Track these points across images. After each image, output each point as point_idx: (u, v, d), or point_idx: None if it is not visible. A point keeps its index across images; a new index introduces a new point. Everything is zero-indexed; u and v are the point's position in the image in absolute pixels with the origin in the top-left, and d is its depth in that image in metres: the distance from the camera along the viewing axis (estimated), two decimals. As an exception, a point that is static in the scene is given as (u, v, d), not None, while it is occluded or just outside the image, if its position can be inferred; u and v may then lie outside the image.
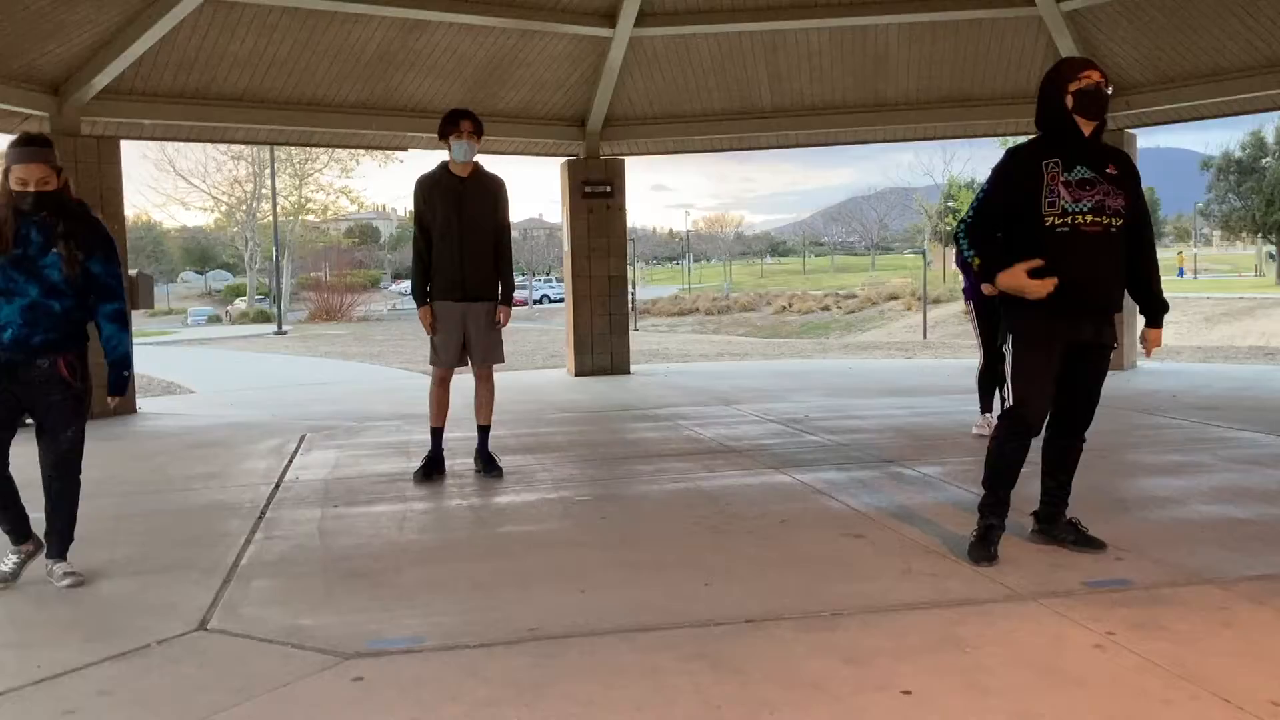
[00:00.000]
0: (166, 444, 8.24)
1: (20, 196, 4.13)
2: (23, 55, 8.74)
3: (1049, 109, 4.23)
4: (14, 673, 3.30)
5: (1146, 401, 8.98)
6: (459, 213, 6.11)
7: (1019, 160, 4.20)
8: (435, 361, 6.30)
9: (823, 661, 3.25)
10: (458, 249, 6.12)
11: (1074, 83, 4.14)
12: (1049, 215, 4.08)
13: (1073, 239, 4.07)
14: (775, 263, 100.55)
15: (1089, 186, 4.10)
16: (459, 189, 6.14)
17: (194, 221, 67.47)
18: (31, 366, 4.19)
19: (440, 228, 6.13)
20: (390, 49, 10.47)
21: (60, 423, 4.27)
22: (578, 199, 12.30)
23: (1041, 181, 4.10)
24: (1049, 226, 4.08)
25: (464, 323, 6.19)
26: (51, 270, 4.19)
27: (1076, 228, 4.07)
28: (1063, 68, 4.26)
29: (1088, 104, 4.14)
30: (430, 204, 6.16)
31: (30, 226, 4.16)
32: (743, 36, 11.20)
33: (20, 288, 4.13)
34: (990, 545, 4.22)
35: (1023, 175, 4.14)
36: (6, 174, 4.14)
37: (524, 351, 21.80)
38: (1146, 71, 10.95)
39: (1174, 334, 27.44)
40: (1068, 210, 4.07)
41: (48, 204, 4.18)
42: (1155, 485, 5.80)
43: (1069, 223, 4.07)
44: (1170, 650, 3.25)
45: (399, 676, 3.23)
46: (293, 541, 4.95)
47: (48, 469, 4.28)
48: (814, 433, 7.72)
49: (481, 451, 6.43)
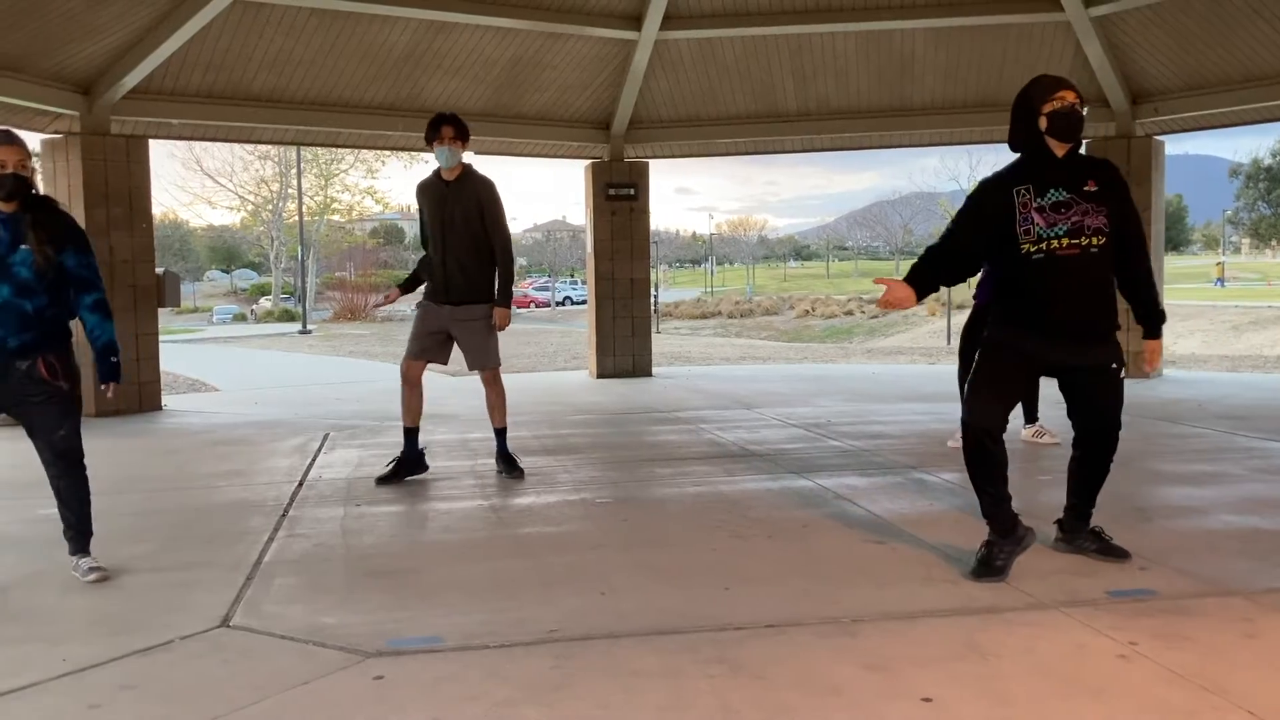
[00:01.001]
0: (191, 441, 8.31)
1: None
2: (54, 55, 8.84)
3: (1021, 131, 4.16)
4: (40, 666, 3.34)
5: (1172, 410, 8.90)
6: (442, 217, 6.19)
7: (988, 193, 4.15)
8: (404, 357, 6.35)
9: (843, 667, 3.24)
10: (441, 253, 6.20)
11: (1047, 104, 4.05)
12: (1025, 243, 4.03)
13: (1049, 265, 4.02)
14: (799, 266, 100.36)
15: (1064, 209, 4.02)
16: (444, 193, 6.20)
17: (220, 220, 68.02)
18: (10, 369, 4.14)
19: (429, 231, 6.25)
20: (416, 50, 10.52)
21: (49, 424, 4.22)
22: (601, 201, 12.31)
23: (1014, 211, 4.04)
24: (1025, 254, 4.03)
25: (448, 326, 6.23)
26: (20, 267, 4.11)
27: (1052, 253, 4.01)
28: (1034, 89, 4.13)
29: (1061, 126, 4.05)
30: (422, 208, 6.32)
31: None
32: (768, 39, 11.18)
33: None
34: (993, 560, 4.11)
35: (992, 208, 4.10)
36: None
37: (546, 353, 21.86)
38: (1175, 77, 10.86)
39: (1200, 342, 27.22)
40: (1042, 236, 4.01)
41: (24, 189, 4.11)
42: (1180, 495, 5.75)
43: (1044, 249, 4.01)
44: (1194, 661, 3.22)
45: (419, 676, 3.24)
46: (315, 540, 4.98)
47: (50, 470, 4.28)
48: (836, 438, 7.70)
49: (501, 453, 6.44)
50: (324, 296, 52.57)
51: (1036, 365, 4.19)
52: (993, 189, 4.15)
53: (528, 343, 25.50)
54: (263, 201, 51.53)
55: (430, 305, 6.26)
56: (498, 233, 6.23)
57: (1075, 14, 10.37)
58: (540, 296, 63.10)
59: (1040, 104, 4.07)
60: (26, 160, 4.14)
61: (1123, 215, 4.12)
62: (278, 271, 54.57)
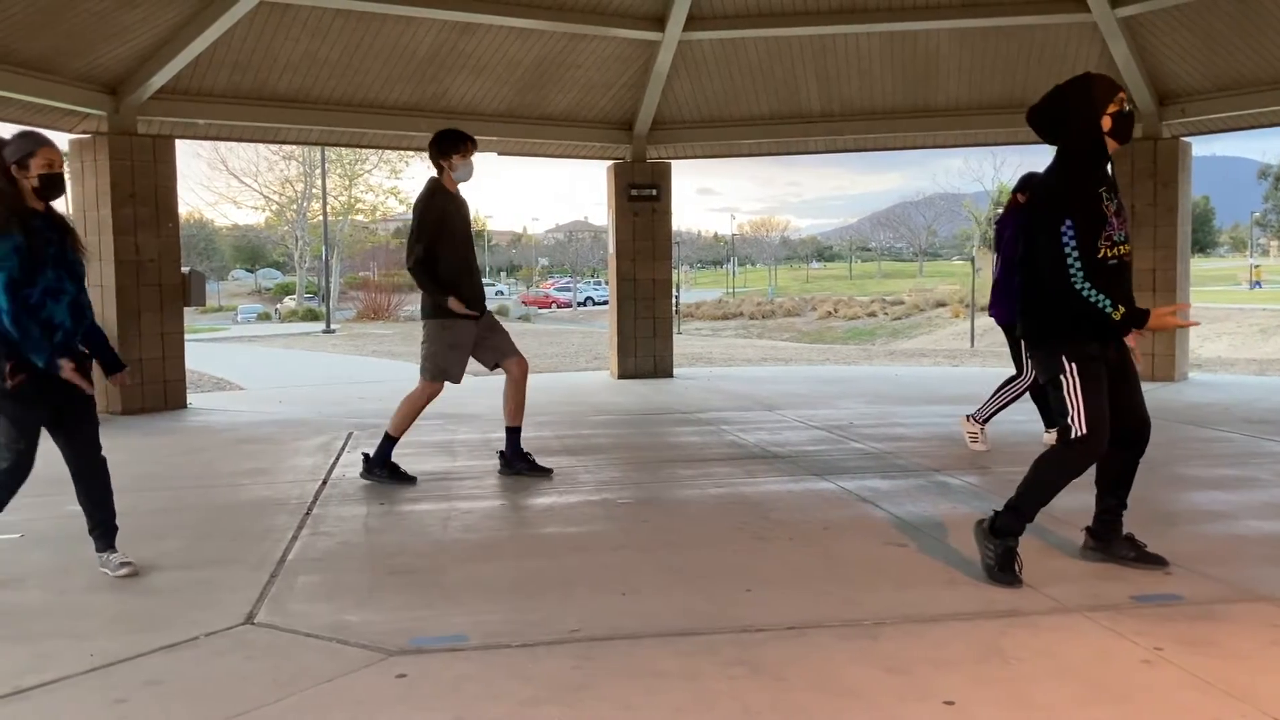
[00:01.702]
0: (216, 439, 8.37)
1: (51, 181, 4.10)
2: (83, 56, 8.93)
3: (1081, 128, 4.03)
4: (68, 661, 3.37)
5: (1198, 414, 8.83)
6: (464, 229, 6.27)
7: (1089, 191, 3.96)
8: (443, 376, 6.22)
9: (864, 670, 3.23)
10: (467, 263, 6.26)
11: (1112, 104, 4.00)
12: (1103, 248, 3.93)
13: (1121, 270, 3.99)
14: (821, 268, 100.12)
15: (1122, 212, 4.02)
16: (461, 204, 6.29)
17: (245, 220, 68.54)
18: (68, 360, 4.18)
19: (456, 242, 6.20)
20: (441, 51, 10.56)
21: (86, 417, 4.31)
22: (623, 202, 12.33)
23: (1104, 216, 3.95)
24: (1102, 259, 3.93)
25: (475, 336, 6.27)
26: (77, 265, 4.22)
27: (1122, 259, 3.99)
28: (1096, 88, 4.04)
29: (1124, 129, 4.03)
30: (445, 218, 6.15)
31: (42, 222, 4.12)
32: (791, 40, 11.16)
33: (64, 285, 4.14)
34: (1016, 567, 4.09)
35: (1098, 206, 3.95)
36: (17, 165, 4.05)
37: (567, 353, 21.89)
38: (1203, 78, 10.77)
39: (1228, 346, 26.97)
40: (1116, 241, 3.97)
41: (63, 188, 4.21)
42: (1206, 499, 5.71)
43: (1118, 254, 3.97)
44: (1220, 667, 3.20)
45: (442, 675, 3.25)
46: (339, 538, 5.01)
47: (82, 465, 4.31)
48: (858, 440, 7.68)
49: (519, 451, 6.45)
50: (347, 296, 52.85)
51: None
52: (1090, 185, 3.97)
53: (550, 343, 25.55)
54: (287, 201, 51.87)
55: (466, 322, 6.19)
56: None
57: (1102, 14, 10.30)
58: (562, 297, 63.22)
59: (1105, 104, 4.01)
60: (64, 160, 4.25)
61: None
62: (302, 271, 54.91)
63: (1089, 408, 3.98)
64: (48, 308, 4.10)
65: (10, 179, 4.04)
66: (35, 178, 4.07)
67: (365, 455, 6.37)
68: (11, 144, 4.09)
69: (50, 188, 4.13)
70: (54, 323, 4.12)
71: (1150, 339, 4.33)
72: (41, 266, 4.05)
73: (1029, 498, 4.10)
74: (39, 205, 4.14)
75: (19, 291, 4.01)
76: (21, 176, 4.06)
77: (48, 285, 4.09)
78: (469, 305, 6.18)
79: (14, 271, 3.99)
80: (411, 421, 6.31)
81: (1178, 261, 11.08)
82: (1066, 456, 4.06)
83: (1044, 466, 4.12)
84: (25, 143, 4.10)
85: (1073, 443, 4.02)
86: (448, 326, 6.18)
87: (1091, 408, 3.98)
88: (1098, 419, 3.98)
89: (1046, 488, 4.10)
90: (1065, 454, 4.07)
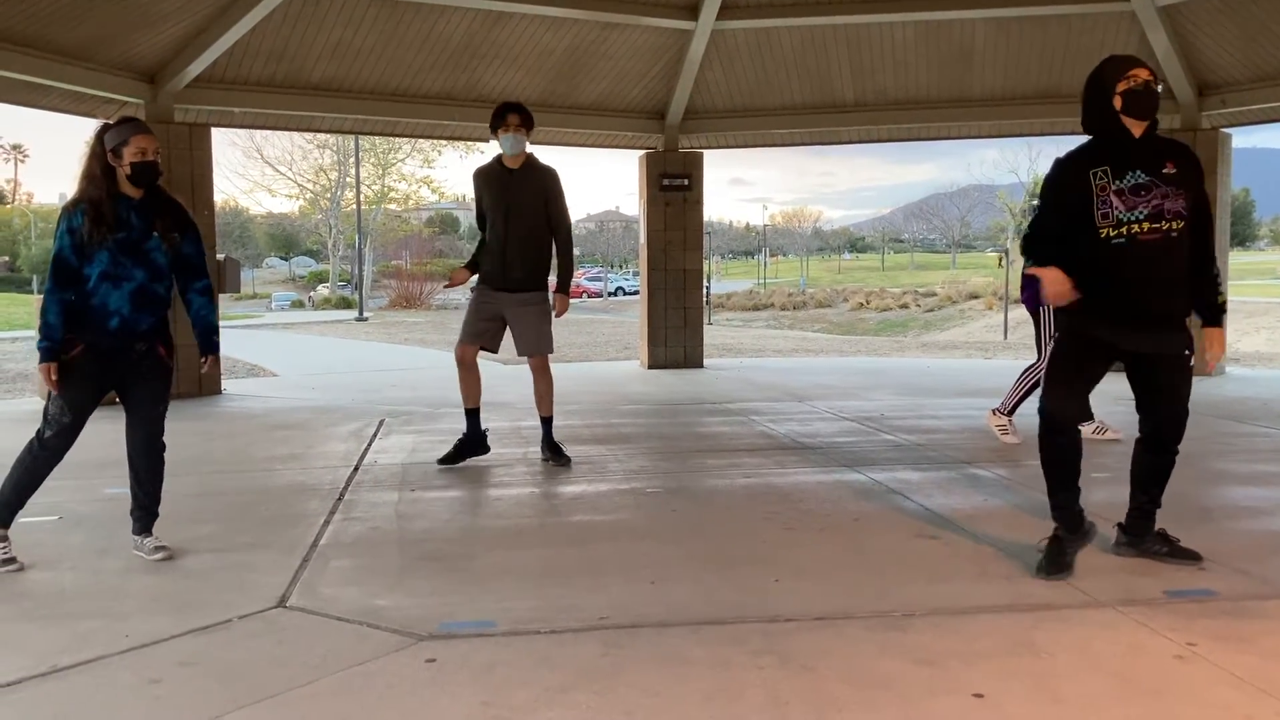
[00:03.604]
0: (250, 425, 8.45)
1: (142, 169, 4.22)
2: (122, 44, 9.02)
3: (1095, 112, 4.04)
4: (104, 642, 3.42)
5: (1236, 409, 8.72)
6: (504, 204, 6.23)
7: (1064, 172, 4.04)
8: (460, 338, 6.40)
9: (893, 662, 3.22)
10: (501, 240, 6.24)
11: (1121, 82, 3.95)
12: (1103, 227, 3.92)
13: (1130, 250, 3.92)
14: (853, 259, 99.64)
15: (1144, 192, 3.92)
16: (506, 180, 6.25)
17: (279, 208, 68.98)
18: (131, 349, 4.30)
19: (489, 218, 6.29)
20: (474, 40, 10.58)
21: (152, 402, 4.40)
22: (655, 192, 12.30)
23: (1091, 193, 3.94)
24: (1104, 239, 3.93)
25: (503, 312, 6.27)
26: (156, 253, 4.30)
27: (1134, 238, 3.91)
28: (1106, 69, 4.03)
29: (1136, 104, 3.95)
30: (481, 194, 6.34)
31: (128, 210, 4.25)
32: (825, 29, 11.08)
33: (128, 272, 4.22)
34: (1061, 556, 4.07)
35: (1070, 187, 3.99)
36: (113, 152, 4.21)
37: (597, 343, 21.92)
38: (1244, 68, 10.60)
39: (1266, 340, 26.59)
40: (1122, 220, 3.91)
41: (156, 176, 4.30)
42: (1243, 495, 5.64)
43: (1125, 233, 3.91)
44: (1255, 664, 3.16)
45: (470, 660, 3.27)
46: (370, 523, 5.05)
47: (140, 447, 4.40)
48: (889, 431, 7.64)
49: (547, 441, 6.47)
50: (380, 284, 53.14)
51: (1111, 354, 4.09)
52: (1070, 170, 4.03)
53: (580, 332, 25.57)
54: (321, 190, 52.18)
55: (487, 291, 6.30)
56: (562, 222, 6.34)
57: (1140, 4, 10.16)
58: (593, 287, 63.26)
59: (1113, 83, 3.97)
60: (159, 148, 4.34)
61: (1198, 199, 4.03)
62: (335, 259, 55.25)
63: (1052, 384, 4.10)
64: (101, 293, 4.20)
65: (106, 165, 4.21)
66: (128, 165, 4.20)
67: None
68: (111, 131, 4.24)
69: (142, 175, 4.24)
70: (108, 309, 4.21)
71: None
72: (97, 251, 4.15)
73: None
74: (134, 192, 4.26)
75: (64, 268, 4.16)
76: (116, 164, 4.21)
77: (105, 270, 4.18)
78: (488, 281, 6.25)
79: (65, 250, 4.15)
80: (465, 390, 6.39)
81: (1216, 254, 10.92)
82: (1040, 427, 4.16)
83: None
84: (121, 131, 4.24)
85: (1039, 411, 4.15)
86: (473, 290, 6.39)
87: (1055, 384, 4.10)
88: (1058, 397, 4.08)
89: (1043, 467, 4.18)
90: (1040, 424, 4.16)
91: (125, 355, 4.29)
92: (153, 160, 4.25)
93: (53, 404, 4.22)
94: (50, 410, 4.23)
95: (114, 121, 4.33)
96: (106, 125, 4.29)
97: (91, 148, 4.28)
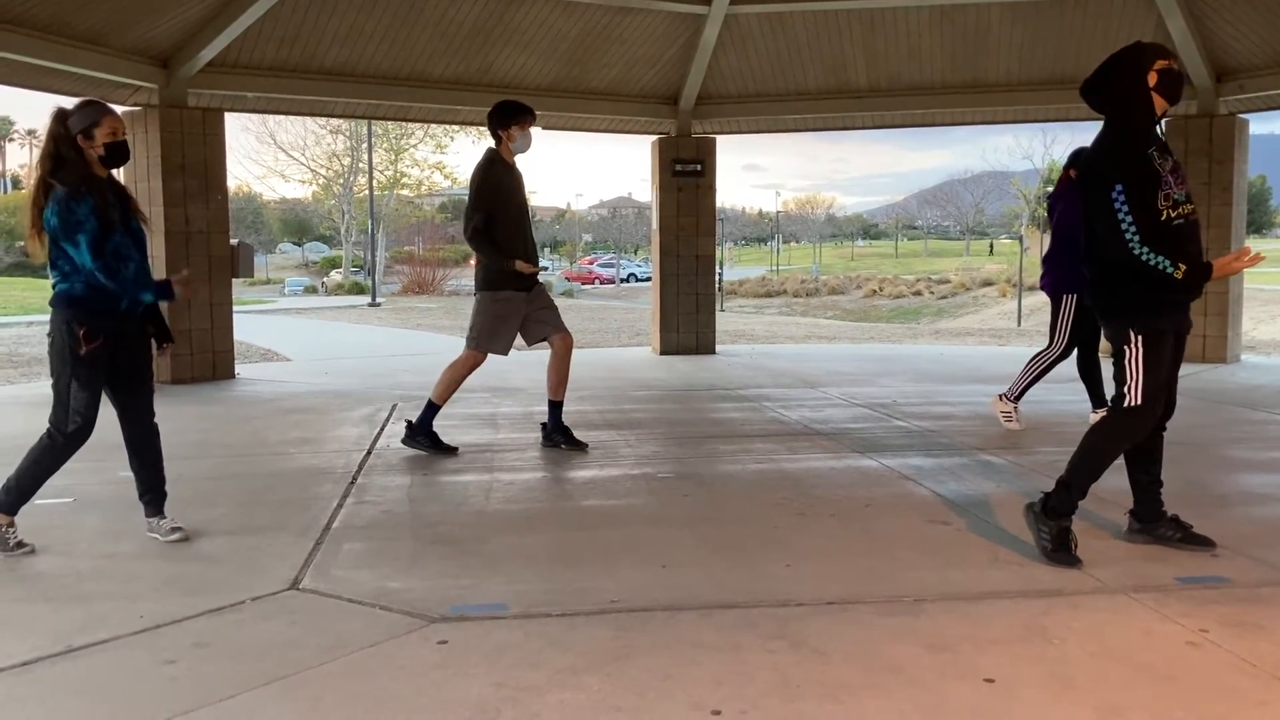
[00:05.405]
0: (263, 409, 8.48)
1: (116, 149, 4.17)
2: (135, 29, 9.02)
3: (1129, 88, 3.98)
4: (119, 622, 3.45)
5: (1250, 396, 8.67)
6: (518, 201, 6.25)
7: (1138, 151, 3.90)
8: (486, 347, 6.24)
9: (904, 647, 3.22)
10: (526, 239, 6.24)
11: (1160, 61, 3.96)
12: (1164, 208, 3.85)
13: (1188, 230, 3.90)
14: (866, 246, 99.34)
15: (1178, 172, 3.93)
16: (517, 179, 6.26)
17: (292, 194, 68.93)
18: (130, 328, 4.30)
19: (508, 216, 6.17)
20: (486, 25, 10.55)
21: (143, 383, 4.42)
22: (668, 178, 12.28)
23: (1158, 175, 3.87)
24: (1165, 220, 3.85)
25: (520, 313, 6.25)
26: (140, 232, 4.30)
27: (1187, 218, 3.90)
28: (1143, 50, 4.04)
29: (1171, 85, 3.96)
30: (496, 188, 6.16)
31: (107, 190, 4.21)
32: (839, 14, 11.02)
33: (129, 252, 4.22)
34: (1072, 547, 4.05)
35: (1149, 166, 3.88)
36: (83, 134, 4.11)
37: (610, 329, 21.90)
38: (1261, 54, 10.50)
39: None
40: (1178, 201, 3.89)
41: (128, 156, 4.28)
42: (1257, 482, 5.61)
43: (1183, 214, 3.89)
44: (1268, 650, 3.15)
45: (482, 642, 3.29)
46: (382, 507, 5.06)
47: (136, 431, 4.40)
48: (901, 418, 7.63)
49: (559, 424, 6.47)
50: (393, 270, 53.18)
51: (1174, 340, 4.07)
52: (1136, 152, 3.90)
53: (592, 318, 25.54)
54: (334, 175, 52.17)
55: (517, 296, 6.21)
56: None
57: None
58: (605, 273, 63.23)
59: (1150, 62, 3.97)
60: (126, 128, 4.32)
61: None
62: (348, 245, 55.28)
63: (1147, 380, 3.97)
64: (109, 274, 4.18)
65: (77, 148, 4.12)
66: (100, 146, 4.15)
67: (408, 422, 6.42)
68: (76, 113, 4.16)
69: (115, 156, 4.20)
70: (117, 290, 4.20)
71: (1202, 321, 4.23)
72: (111, 231, 4.13)
73: (1080, 470, 4.07)
74: (102, 173, 4.22)
75: (104, 247, 4.08)
76: (87, 146, 4.14)
77: (116, 249, 4.17)
78: (516, 283, 6.18)
79: (95, 231, 4.07)
80: (453, 390, 6.34)
81: (1232, 242, 10.83)
82: (1118, 424, 4.07)
83: (1094, 435, 4.14)
84: (90, 112, 4.17)
85: (1126, 411, 4.02)
86: (499, 299, 6.20)
87: (1149, 380, 3.97)
88: (1153, 392, 3.98)
89: (1097, 457, 4.08)
90: (1117, 422, 4.08)
91: (129, 336, 4.30)
92: (124, 140, 4.22)
93: (75, 399, 4.17)
94: (73, 405, 4.18)
95: (77, 104, 4.22)
96: (65, 109, 4.17)
97: (53, 131, 4.13)
